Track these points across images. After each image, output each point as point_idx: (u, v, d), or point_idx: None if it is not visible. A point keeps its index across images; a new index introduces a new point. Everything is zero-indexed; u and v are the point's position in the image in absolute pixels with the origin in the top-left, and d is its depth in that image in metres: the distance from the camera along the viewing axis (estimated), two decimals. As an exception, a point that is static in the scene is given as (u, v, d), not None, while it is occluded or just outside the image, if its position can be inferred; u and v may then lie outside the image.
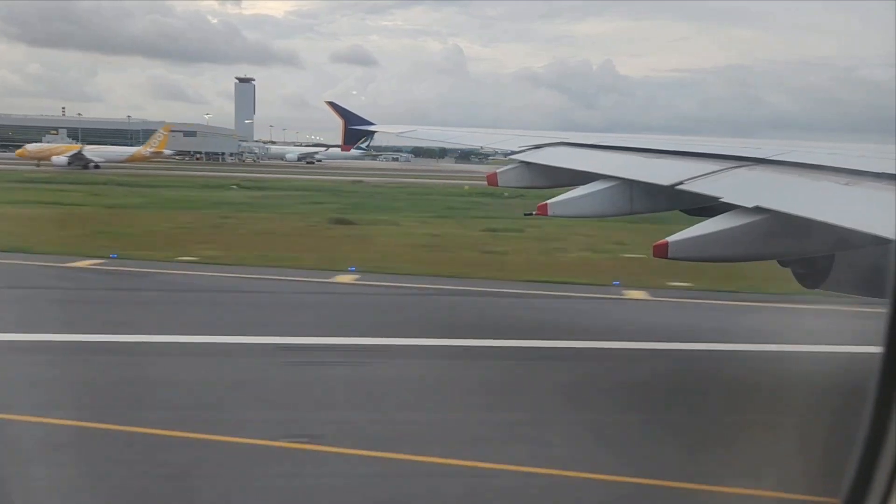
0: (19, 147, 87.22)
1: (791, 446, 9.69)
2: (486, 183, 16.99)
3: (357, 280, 21.77)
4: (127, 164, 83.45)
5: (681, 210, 12.67)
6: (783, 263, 11.25)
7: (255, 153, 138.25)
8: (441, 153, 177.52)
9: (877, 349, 3.13)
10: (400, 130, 24.61)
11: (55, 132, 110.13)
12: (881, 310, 3.40)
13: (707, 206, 10.54)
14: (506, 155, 17.83)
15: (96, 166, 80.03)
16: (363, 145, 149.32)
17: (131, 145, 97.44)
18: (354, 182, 75.26)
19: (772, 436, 10.42)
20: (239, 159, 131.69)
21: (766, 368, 14.11)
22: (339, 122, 25.41)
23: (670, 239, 9.15)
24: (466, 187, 60.96)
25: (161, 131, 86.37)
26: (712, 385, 13.34)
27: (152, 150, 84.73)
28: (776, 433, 10.57)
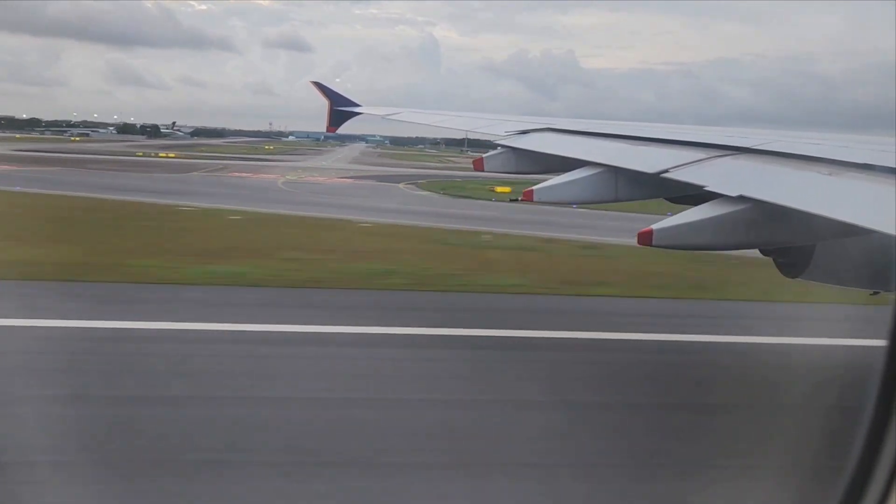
0: None
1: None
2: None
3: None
4: None
5: (665, 198, 12.72)
6: (765, 252, 11.35)
7: None
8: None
9: (880, 343, 3.11)
10: (386, 113, 24.45)
11: None
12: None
13: (692, 195, 10.58)
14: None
15: None
16: None
17: None
18: None
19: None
20: None
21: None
22: (323, 105, 25.16)
23: (655, 227, 9.18)
24: None
25: None
26: None
27: None
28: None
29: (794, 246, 10.61)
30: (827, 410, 9.36)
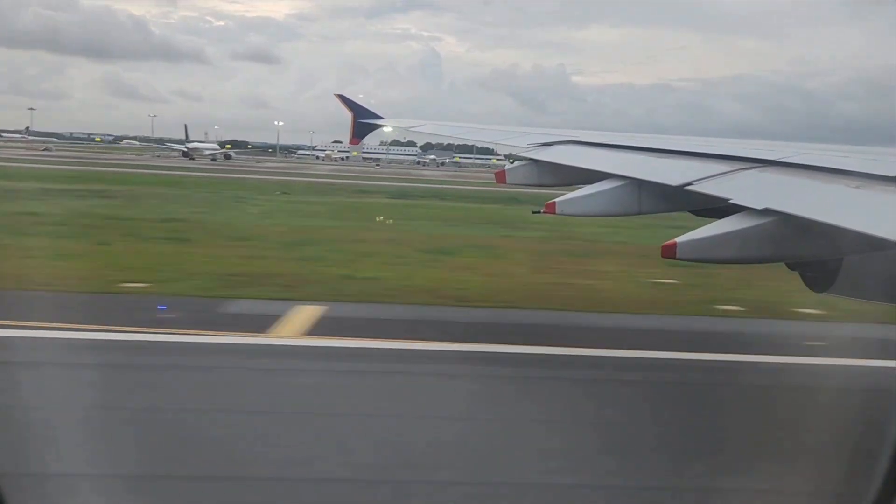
0: None
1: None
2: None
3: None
4: None
5: (689, 211, 12.62)
6: (791, 266, 11.21)
7: None
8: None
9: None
10: (410, 125, 24.64)
11: None
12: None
13: (716, 208, 10.48)
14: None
15: None
16: None
17: None
18: None
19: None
20: None
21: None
22: (347, 117, 25.43)
23: (679, 239, 9.08)
24: None
25: None
26: None
27: None
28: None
29: (821, 260, 10.45)
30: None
